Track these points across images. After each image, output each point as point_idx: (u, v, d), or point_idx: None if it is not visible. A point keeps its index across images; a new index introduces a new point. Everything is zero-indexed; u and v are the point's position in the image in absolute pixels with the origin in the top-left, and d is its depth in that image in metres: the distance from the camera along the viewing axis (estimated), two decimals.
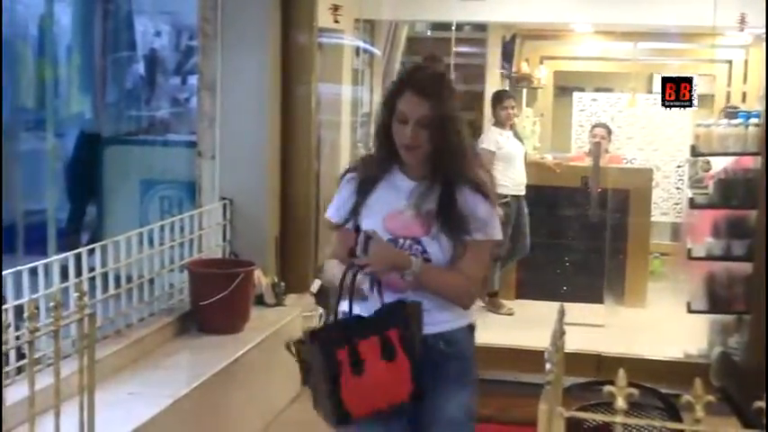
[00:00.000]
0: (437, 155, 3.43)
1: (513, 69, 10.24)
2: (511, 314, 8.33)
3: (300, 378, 3.48)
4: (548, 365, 2.62)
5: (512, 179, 8.41)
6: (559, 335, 2.81)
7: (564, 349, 2.86)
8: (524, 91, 10.67)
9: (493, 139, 8.41)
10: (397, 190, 3.53)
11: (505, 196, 8.27)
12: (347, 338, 3.28)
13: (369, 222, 3.49)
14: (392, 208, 3.51)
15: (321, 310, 6.43)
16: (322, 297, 6.47)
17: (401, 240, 3.47)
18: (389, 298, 3.40)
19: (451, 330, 3.55)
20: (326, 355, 3.27)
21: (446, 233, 3.43)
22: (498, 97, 8.69)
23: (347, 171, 3.72)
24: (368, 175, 3.58)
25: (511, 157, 8.43)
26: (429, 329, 3.44)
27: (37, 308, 3.92)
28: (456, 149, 3.44)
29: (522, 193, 8.52)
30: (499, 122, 8.52)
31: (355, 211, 3.55)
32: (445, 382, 3.52)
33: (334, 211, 3.66)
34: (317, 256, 6.81)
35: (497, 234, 3.56)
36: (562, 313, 2.95)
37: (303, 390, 6.09)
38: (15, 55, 8.05)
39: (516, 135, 8.60)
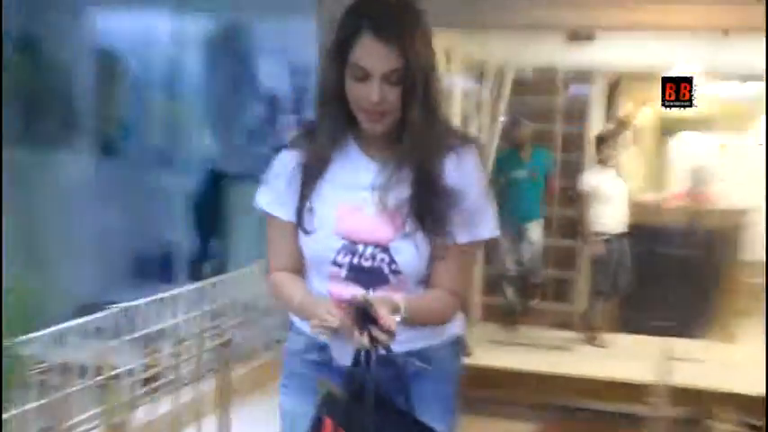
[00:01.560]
0: (408, 122, 2.45)
1: (617, 112, 10.29)
2: (606, 347, 8.35)
3: None
4: (655, 400, 2.79)
5: (612, 217, 8.40)
6: (666, 374, 2.98)
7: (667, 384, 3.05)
8: (627, 134, 10.66)
9: (595, 178, 8.49)
10: (353, 176, 2.55)
11: (605, 234, 8.37)
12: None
13: (318, 223, 2.54)
14: (347, 202, 2.53)
15: None
16: None
17: (360, 247, 2.51)
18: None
19: (428, 347, 2.64)
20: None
21: (424, 236, 2.49)
22: (601, 139, 8.71)
23: (284, 147, 2.65)
24: (314, 155, 2.55)
25: (612, 195, 8.44)
26: (400, 347, 2.48)
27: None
28: (434, 112, 2.47)
29: (624, 230, 8.50)
30: (601, 162, 8.56)
31: (300, 206, 2.56)
32: (419, 407, 2.54)
33: (275, 204, 2.62)
34: None
35: (487, 231, 2.59)
36: (668, 354, 3.10)
37: None
38: (146, 96, 8.39)
39: (618, 175, 8.60)
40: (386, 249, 2.50)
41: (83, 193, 8.18)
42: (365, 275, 2.51)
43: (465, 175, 2.52)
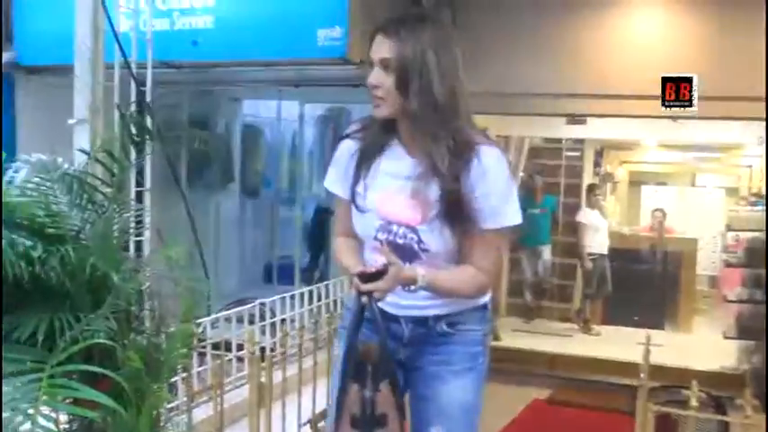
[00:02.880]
0: (409, 112, 2.02)
1: (601, 169, 10.09)
2: (598, 335, 8.14)
3: None
4: (642, 375, 2.60)
5: (598, 243, 8.27)
6: (648, 354, 2.77)
7: (649, 363, 2.82)
8: (608, 185, 10.51)
9: (586, 215, 8.35)
10: (394, 167, 2.13)
11: (593, 254, 8.23)
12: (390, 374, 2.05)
13: (365, 204, 2.16)
14: (388, 188, 2.13)
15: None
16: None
17: (395, 227, 2.12)
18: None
19: (455, 312, 2.18)
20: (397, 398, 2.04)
21: (448, 224, 2.07)
22: (590, 188, 8.69)
23: (345, 136, 2.23)
24: (368, 146, 2.16)
25: (598, 227, 8.31)
26: (429, 311, 2.17)
27: (293, 320, 4.05)
28: (442, 110, 2.01)
29: (606, 252, 8.34)
30: (590, 204, 8.44)
31: (354, 187, 2.17)
32: (445, 368, 2.19)
33: (337, 185, 2.23)
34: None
35: (510, 219, 2.10)
36: (648, 339, 2.91)
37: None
38: (277, 156, 8.38)
39: (602, 213, 8.46)
40: (415, 231, 2.09)
41: (234, 222, 8.26)
42: (400, 250, 2.09)
43: (488, 172, 2.03)
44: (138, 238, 3.24)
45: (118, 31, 3.58)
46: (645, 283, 8.77)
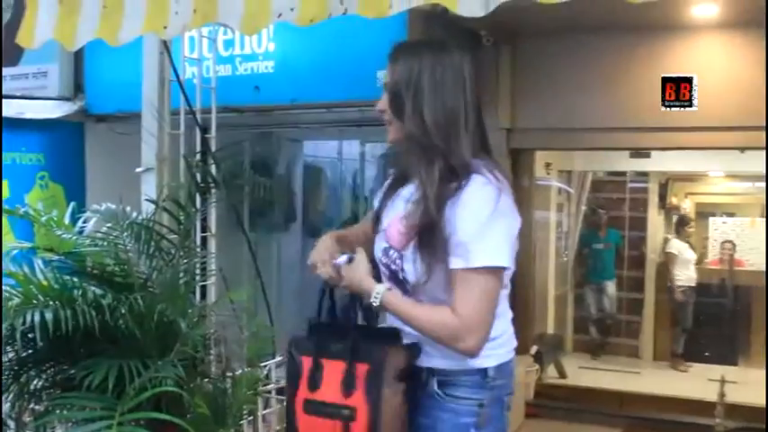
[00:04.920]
0: (414, 138, 1.94)
1: (667, 202, 9.90)
2: (685, 371, 7.94)
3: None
4: (717, 420, 2.51)
5: (687, 276, 8.23)
6: (722, 396, 2.68)
7: (725, 403, 2.72)
8: (674, 217, 10.31)
9: (683, 247, 8.29)
10: (408, 192, 2.03)
11: (682, 286, 8.19)
12: (317, 348, 2.00)
13: (380, 227, 2.10)
14: (397, 212, 2.02)
15: (537, 366, 6.32)
16: (538, 357, 6.34)
17: (392, 252, 2.00)
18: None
19: (446, 369, 1.98)
20: (292, 358, 2.05)
21: (421, 255, 1.92)
22: (682, 220, 8.77)
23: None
24: (398, 172, 2.13)
25: (688, 260, 8.31)
26: (422, 363, 2.00)
27: None
28: (425, 124, 1.91)
29: (694, 285, 8.33)
30: (681, 236, 8.39)
31: (378, 212, 2.12)
32: (436, 429, 1.99)
33: (372, 214, 2.21)
34: (534, 328, 6.73)
35: (480, 261, 1.86)
36: (723, 381, 2.82)
37: (524, 421, 6.02)
38: (338, 195, 8.42)
39: (691, 246, 8.47)
40: (402, 257, 1.97)
41: (297, 261, 8.28)
42: (393, 277, 2.01)
43: (461, 207, 1.88)
44: (203, 283, 3.27)
45: (182, 78, 3.66)
46: (715, 317, 8.55)
